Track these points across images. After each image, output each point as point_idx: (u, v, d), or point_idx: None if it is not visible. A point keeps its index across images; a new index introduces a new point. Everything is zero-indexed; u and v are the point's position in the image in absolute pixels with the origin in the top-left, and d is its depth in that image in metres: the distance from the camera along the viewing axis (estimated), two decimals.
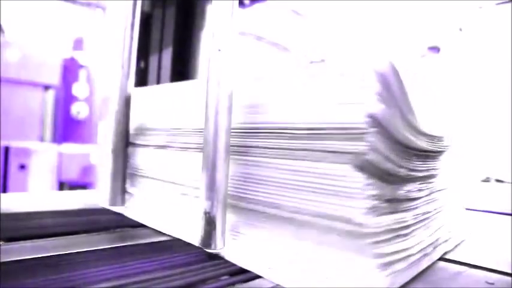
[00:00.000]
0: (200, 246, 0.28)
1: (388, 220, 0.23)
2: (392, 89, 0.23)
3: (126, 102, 0.42)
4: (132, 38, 0.43)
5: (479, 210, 0.50)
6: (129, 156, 0.44)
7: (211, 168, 0.28)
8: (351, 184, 0.22)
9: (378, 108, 0.22)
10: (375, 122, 0.22)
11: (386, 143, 0.23)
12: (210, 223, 0.28)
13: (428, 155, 0.30)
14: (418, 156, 0.28)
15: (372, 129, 0.22)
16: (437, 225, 0.30)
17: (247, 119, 0.29)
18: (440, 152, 0.31)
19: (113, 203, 0.41)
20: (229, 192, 0.30)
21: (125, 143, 0.42)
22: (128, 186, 0.43)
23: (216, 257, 0.29)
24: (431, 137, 0.28)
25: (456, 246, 0.33)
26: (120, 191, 0.42)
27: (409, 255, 0.25)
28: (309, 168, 0.25)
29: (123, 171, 0.42)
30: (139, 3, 0.43)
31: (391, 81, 0.22)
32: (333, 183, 0.23)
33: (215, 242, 0.28)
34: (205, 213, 0.28)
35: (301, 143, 0.25)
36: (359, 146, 0.22)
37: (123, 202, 0.42)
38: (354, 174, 0.22)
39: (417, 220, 0.27)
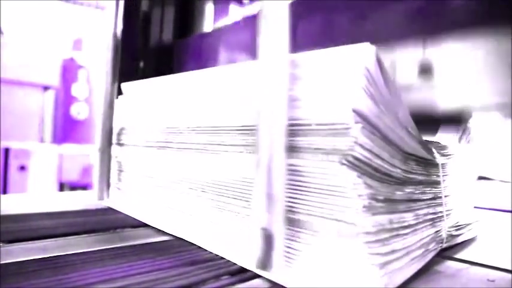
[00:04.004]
0: (257, 268, 0.24)
1: (384, 220, 0.23)
2: (378, 84, 0.22)
3: (110, 106, 0.47)
4: (115, 47, 0.48)
5: (478, 208, 0.50)
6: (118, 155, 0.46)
7: (267, 176, 0.23)
8: (340, 182, 0.22)
9: (364, 102, 0.21)
10: (361, 117, 0.22)
11: (375, 140, 0.23)
12: (268, 242, 0.23)
13: (430, 163, 0.30)
14: (418, 162, 0.28)
15: (357, 125, 0.21)
16: (442, 226, 0.30)
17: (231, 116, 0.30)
18: (444, 162, 0.31)
19: (100, 197, 0.45)
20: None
21: (109, 142, 0.46)
22: (119, 183, 0.46)
23: (216, 256, 0.29)
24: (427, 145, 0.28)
25: (463, 246, 0.33)
26: (106, 186, 0.46)
27: (408, 255, 0.25)
28: (297, 165, 0.24)
29: (108, 168, 0.46)
30: (120, 15, 0.47)
31: (376, 75, 0.22)
32: (322, 181, 0.23)
33: (273, 264, 0.24)
34: (263, 229, 0.23)
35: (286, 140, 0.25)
36: (344, 142, 0.22)
37: (108, 196, 0.46)
38: (344, 171, 0.22)
39: (418, 221, 0.27)
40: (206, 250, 0.30)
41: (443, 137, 0.34)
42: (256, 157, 0.24)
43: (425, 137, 0.29)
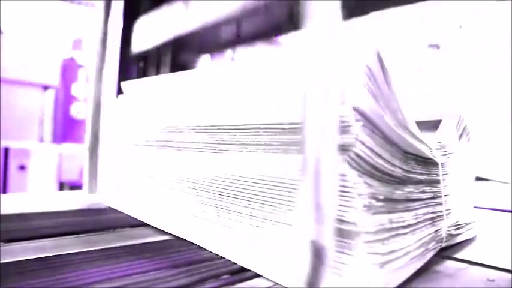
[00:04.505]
0: (306, 286, 0.21)
1: (384, 219, 0.23)
2: (378, 82, 0.22)
3: (97, 107, 0.52)
4: (103, 52, 0.52)
5: (478, 208, 0.50)
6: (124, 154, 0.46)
7: (315, 181, 0.20)
8: (342, 181, 0.22)
9: (364, 100, 0.21)
10: (362, 115, 0.22)
11: (375, 139, 0.23)
12: (318, 256, 0.21)
13: (430, 162, 0.30)
14: (418, 161, 0.28)
15: (358, 122, 0.21)
16: (441, 225, 0.30)
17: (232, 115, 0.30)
18: (444, 160, 0.31)
19: (90, 191, 0.51)
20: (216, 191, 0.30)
21: (97, 141, 0.52)
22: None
23: (216, 256, 0.29)
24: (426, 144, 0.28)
25: (463, 246, 0.33)
26: (94, 181, 0.51)
27: (408, 255, 0.25)
28: (296, 164, 0.24)
29: (96, 165, 0.51)
30: (112, 21, 0.52)
31: (377, 73, 0.22)
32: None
33: (323, 281, 0.21)
34: (312, 242, 0.21)
35: (285, 138, 0.25)
36: (344, 140, 0.22)
37: (96, 190, 0.51)
38: (344, 170, 0.22)
39: (418, 220, 0.27)
40: (206, 250, 0.30)
41: (443, 135, 0.34)
42: (303, 159, 0.21)
43: (425, 135, 0.29)
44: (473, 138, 0.38)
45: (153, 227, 0.37)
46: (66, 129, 2.05)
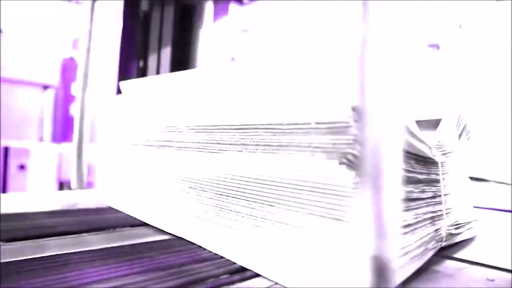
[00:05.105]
0: None
1: None
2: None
3: (82, 110, 0.61)
4: (87, 60, 0.60)
5: (478, 207, 0.50)
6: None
7: (377, 191, 0.18)
8: (340, 181, 0.22)
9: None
10: (360, 115, 0.22)
11: None
12: (381, 273, 0.18)
13: (429, 161, 0.30)
14: (417, 160, 0.28)
15: (356, 123, 0.21)
16: (441, 224, 0.30)
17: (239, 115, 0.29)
18: (443, 159, 0.31)
19: (79, 186, 0.57)
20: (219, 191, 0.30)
21: (83, 140, 0.60)
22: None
23: (215, 256, 0.29)
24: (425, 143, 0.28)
25: (463, 245, 0.33)
26: (82, 177, 0.58)
27: (408, 254, 0.24)
28: (295, 164, 0.24)
29: (82, 162, 0.59)
30: (97, 31, 0.55)
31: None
32: (321, 180, 0.23)
33: None
34: (374, 258, 0.18)
35: (284, 139, 0.25)
36: (343, 140, 0.22)
37: (83, 186, 0.58)
38: (342, 171, 0.22)
39: (418, 220, 0.27)
40: (205, 249, 0.30)
41: (443, 134, 0.34)
42: (363, 170, 0.19)
43: (425, 134, 0.29)
44: (473, 138, 0.38)
45: (153, 226, 0.37)
46: (65, 128, 2.05)
